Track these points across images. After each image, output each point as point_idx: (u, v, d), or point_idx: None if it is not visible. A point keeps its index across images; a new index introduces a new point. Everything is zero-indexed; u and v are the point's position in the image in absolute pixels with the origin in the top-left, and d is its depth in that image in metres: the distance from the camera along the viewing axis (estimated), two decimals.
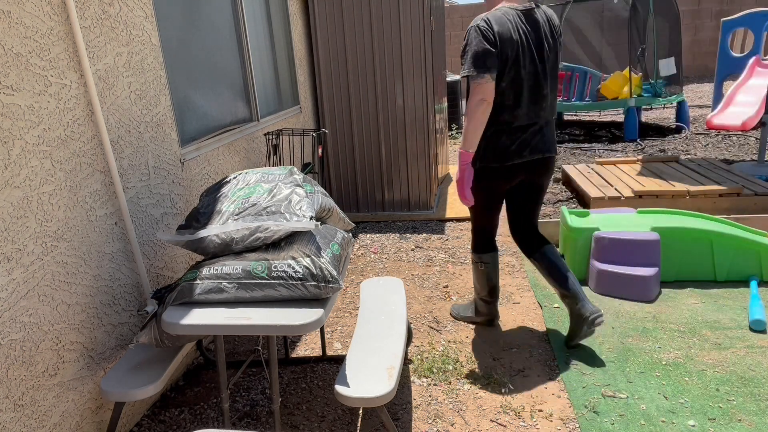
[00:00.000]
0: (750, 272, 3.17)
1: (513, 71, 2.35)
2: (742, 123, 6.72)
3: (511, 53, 2.32)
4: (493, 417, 2.23)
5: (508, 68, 2.34)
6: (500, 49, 2.30)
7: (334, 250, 2.03)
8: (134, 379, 2.00)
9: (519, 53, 2.34)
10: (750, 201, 3.98)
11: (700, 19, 11.23)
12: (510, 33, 2.32)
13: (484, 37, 2.29)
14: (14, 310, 1.71)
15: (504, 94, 2.37)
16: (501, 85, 2.36)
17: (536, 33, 2.38)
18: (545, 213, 4.55)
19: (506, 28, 2.31)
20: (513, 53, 2.32)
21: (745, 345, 2.56)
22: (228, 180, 2.28)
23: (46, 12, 1.87)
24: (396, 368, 1.97)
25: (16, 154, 1.73)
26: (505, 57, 2.32)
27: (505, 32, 2.31)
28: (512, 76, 2.35)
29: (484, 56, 2.28)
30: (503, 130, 2.43)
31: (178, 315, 1.84)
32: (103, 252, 2.13)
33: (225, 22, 3.24)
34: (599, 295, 3.15)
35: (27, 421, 1.77)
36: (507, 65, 2.33)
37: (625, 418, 2.14)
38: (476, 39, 2.30)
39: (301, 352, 2.82)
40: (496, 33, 2.30)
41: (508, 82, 2.36)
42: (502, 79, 2.35)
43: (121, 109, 2.25)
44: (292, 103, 4.35)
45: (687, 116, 7.55)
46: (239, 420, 2.32)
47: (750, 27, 7.61)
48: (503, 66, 2.33)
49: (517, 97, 2.38)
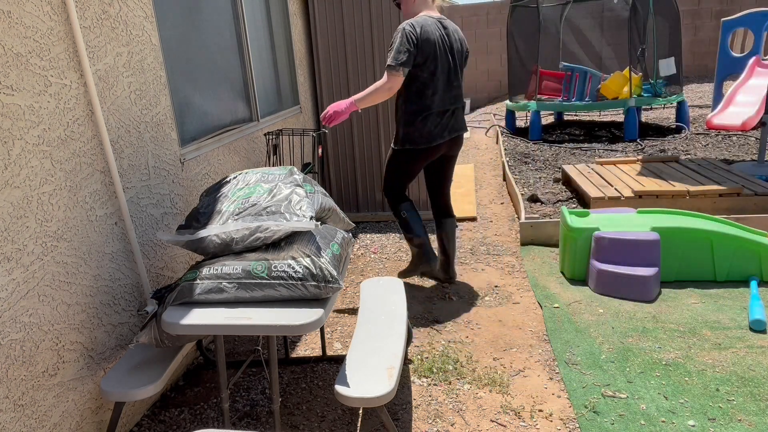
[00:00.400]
0: (750, 272, 3.17)
1: (432, 65, 2.93)
2: (742, 123, 6.72)
3: (431, 51, 2.91)
4: (493, 417, 2.23)
5: (429, 63, 2.92)
6: (422, 48, 2.89)
7: (334, 250, 2.03)
8: (134, 379, 2.00)
9: (437, 52, 2.94)
10: (750, 201, 3.98)
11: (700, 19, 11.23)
12: (430, 36, 2.91)
13: (407, 39, 2.86)
14: (14, 310, 1.71)
15: (425, 84, 2.95)
16: (423, 76, 2.94)
17: (449, 37, 3.01)
18: (545, 213, 4.55)
19: (428, 32, 2.90)
20: (432, 51, 2.92)
21: (745, 345, 2.56)
22: (228, 180, 2.28)
23: (46, 12, 1.87)
24: (396, 368, 1.97)
25: (16, 154, 1.73)
26: (426, 54, 2.90)
27: (427, 35, 2.90)
28: (432, 69, 2.94)
29: (404, 55, 2.87)
30: (427, 116, 3.00)
31: (178, 315, 1.84)
32: (103, 252, 2.13)
33: (225, 22, 3.24)
34: (599, 295, 3.15)
35: (27, 421, 1.77)
36: (428, 60, 2.92)
37: (625, 418, 2.14)
38: (401, 40, 2.87)
39: (301, 352, 2.83)
40: (419, 36, 2.88)
41: (428, 74, 2.94)
42: (423, 71, 2.93)
43: (121, 109, 2.25)
44: (292, 103, 4.35)
45: (687, 116, 7.55)
46: (239, 420, 2.32)
47: (750, 27, 7.61)
48: (424, 60, 2.91)
49: (436, 85, 2.98)
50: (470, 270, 3.67)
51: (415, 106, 2.99)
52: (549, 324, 2.87)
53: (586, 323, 2.85)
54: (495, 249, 4.00)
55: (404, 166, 3.17)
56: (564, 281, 3.37)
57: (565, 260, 3.41)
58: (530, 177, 5.78)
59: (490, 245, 4.08)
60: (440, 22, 3.00)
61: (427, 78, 2.94)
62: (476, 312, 3.10)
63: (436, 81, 2.96)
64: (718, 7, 11.17)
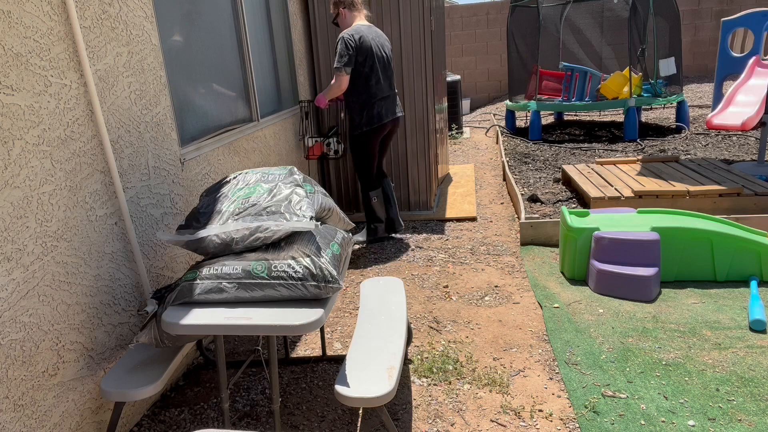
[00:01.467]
0: (750, 272, 3.17)
1: (371, 61, 3.74)
2: (742, 123, 6.71)
3: (368, 50, 3.71)
4: (493, 417, 2.23)
5: (368, 59, 3.72)
6: (360, 49, 3.68)
7: (334, 250, 2.03)
8: (134, 379, 2.00)
9: (373, 50, 3.74)
10: (750, 201, 3.98)
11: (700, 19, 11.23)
12: (365, 38, 3.70)
13: (347, 45, 3.65)
14: (14, 310, 1.71)
15: (369, 76, 3.76)
16: (365, 71, 3.74)
17: (379, 38, 3.84)
18: (545, 213, 4.55)
19: (363, 35, 3.69)
20: (369, 49, 3.72)
21: (745, 345, 2.56)
22: (228, 180, 2.28)
23: (46, 12, 1.87)
24: (396, 368, 1.97)
25: (16, 154, 1.73)
26: (365, 53, 3.70)
27: (363, 38, 3.69)
28: (371, 63, 3.74)
29: (345, 58, 3.66)
30: (375, 102, 3.81)
31: (178, 315, 1.84)
32: (103, 252, 2.13)
33: (225, 22, 3.24)
34: (599, 295, 3.15)
35: (27, 421, 1.77)
36: (367, 57, 3.71)
37: (625, 418, 2.14)
38: (341, 46, 3.66)
39: (301, 352, 2.83)
40: (357, 40, 3.66)
41: (369, 68, 3.74)
42: (365, 66, 3.72)
43: (121, 109, 2.25)
44: (292, 103, 4.35)
45: (687, 116, 7.55)
46: (239, 420, 2.32)
47: (750, 27, 7.61)
48: (364, 58, 3.71)
49: (377, 76, 3.79)
50: (470, 270, 3.67)
51: (365, 95, 3.78)
52: (549, 324, 2.87)
53: (586, 323, 2.85)
54: (495, 249, 4.00)
55: (366, 146, 3.91)
56: (564, 281, 3.37)
57: (565, 260, 3.41)
58: (530, 177, 5.78)
59: (490, 245, 4.08)
60: (370, 27, 3.80)
61: (369, 71, 3.74)
62: (476, 312, 3.10)
63: (376, 72, 3.77)
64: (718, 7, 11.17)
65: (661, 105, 8.00)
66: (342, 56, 3.64)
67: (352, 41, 3.63)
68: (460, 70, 12.23)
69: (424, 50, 4.45)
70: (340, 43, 3.65)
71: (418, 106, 4.59)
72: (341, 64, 3.65)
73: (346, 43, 3.63)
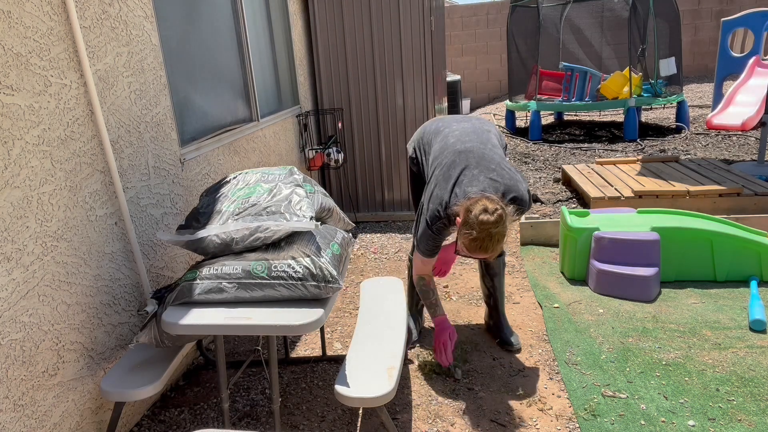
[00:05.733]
0: (750, 272, 3.17)
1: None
2: (742, 123, 6.72)
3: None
4: (493, 417, 2.23)
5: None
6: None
7: (334, 250, 2.03)
8: (134, 379, 1.99)
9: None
10: (750, 201, 3.98)
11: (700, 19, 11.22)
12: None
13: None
14: (14, 310, 1.71)
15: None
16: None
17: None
18: (545, 213, 4.55)
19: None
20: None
21: (745, 345, 2.56)
22: (228, 180, 2.28)
23: (46, 12, 1.87)
24: (396, 368, 1.97)
25: (16, 154, 1.73)
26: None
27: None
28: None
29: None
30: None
31: (178, 315, 1.84)
32: (103, 252, 2.13)
33: (225, 22, 3.24)
34: (599, 295, 3.15)
35: (27, 421, 1.77)
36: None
37: (625, 418, 2.14)
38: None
39: (301, 352, 2.82)
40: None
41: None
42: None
43: (121, 109, 2.25)
44: (292, 103, 4.35)
45: (687, 116, 7.55)
46: (239, 420, 2.32)
47: (750, 27, 7.61)
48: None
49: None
50: (470, 270, 3.66)
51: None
52: (549, 324, 2.87)
53: (586, 323, 2.85)
54: None
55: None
56: (564, 281, 3.37)
57: (565, 260, 3.41)
58: (530, 177, 5.77)
59: None
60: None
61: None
62: (476, 312, 3.10)
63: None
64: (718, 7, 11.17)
65: (661, 105, 8.00)
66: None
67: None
68: (460, 70, 12.23)
69: (424, 50, 4.45)
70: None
71: (418, 106, 4.59)
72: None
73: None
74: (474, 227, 2.02)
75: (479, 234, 2.01)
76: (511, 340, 2.70)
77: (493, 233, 2.01)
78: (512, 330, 2.80)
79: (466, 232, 2.05)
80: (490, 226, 1.99)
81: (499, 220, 2.01)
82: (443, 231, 2.29)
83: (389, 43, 4.47)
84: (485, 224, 2.00)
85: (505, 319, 2.79)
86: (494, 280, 2.73)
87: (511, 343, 2.69)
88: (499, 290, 2.76)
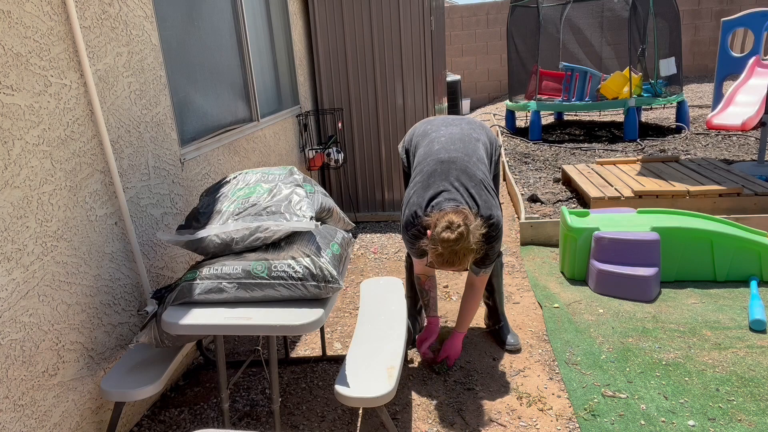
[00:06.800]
0: (750, 272, 3.17)
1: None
2: (742, 123, 6.72)
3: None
4: (493, 417, 2.23)
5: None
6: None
7: (334, 250, 2.03)
8: (134, 379, 1.99)
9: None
10: (750, 201, 3.98)
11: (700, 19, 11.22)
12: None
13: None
14: (14, 310, 1.71)
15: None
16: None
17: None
18: (545, 213, 4.55)
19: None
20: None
21: (745, 345, 2.56)
22: (228, 180, 2.28)
23: (46, 12, 1.87)
24: (396, 368, 1.97)
25: (16, 154, 1.73)
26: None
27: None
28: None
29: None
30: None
31: (178, 315, 1.84)
32: (103, 252, 2.13)
33: (225, 22, 3.24)
34: (599, 295, 3.15)
35: (27, 421, 1.77)
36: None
37: (625, 418, 2.14)
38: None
39: (301, 352, 2.82)
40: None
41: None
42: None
43: (121, 109, 2.25)
44: (292, 103, 4.35)
45: (687, 116, 7.55)
46: (239, 420, 2.32)
47: (750, 27, 7.61)
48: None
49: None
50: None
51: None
52: (549, 324, 2.87)
53: (586, 323, 2.85)
54: None
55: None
56: (564, 281, 3.37)
57: (565, 260, 3.41)
58: (530, 177, 5.77)
59: None
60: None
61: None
62: (476, 312, 3.10)
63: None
64: (718, 7, 11.16)
65: (661, 105, 8.00)
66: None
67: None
68: (460, 70, 12.23)
69: (424, 50, 4.45)
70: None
71: (418, 106, 4.59)
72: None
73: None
74: (438, 243, 2.05)
75: (443, 250, 2.04)
76: (511, 340, 2.70)
77: (456, 249, 2.03)
78: (512, 330, 2.80)
79: (432, 247, 2.09)
80: (452, 243, 2.02)
81: (460, 237, 2.02)
82: (418, 237, 2.29)
83: (389, 43, 4.47)
84: (447, 242, 2.03)
85: (505, 319, 2.79)
86: (493, 281, 2.72)
87: (511, 343, 2.69)
88: (498, 291, 2.75)
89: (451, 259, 2.05)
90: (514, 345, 2.68)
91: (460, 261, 2.06)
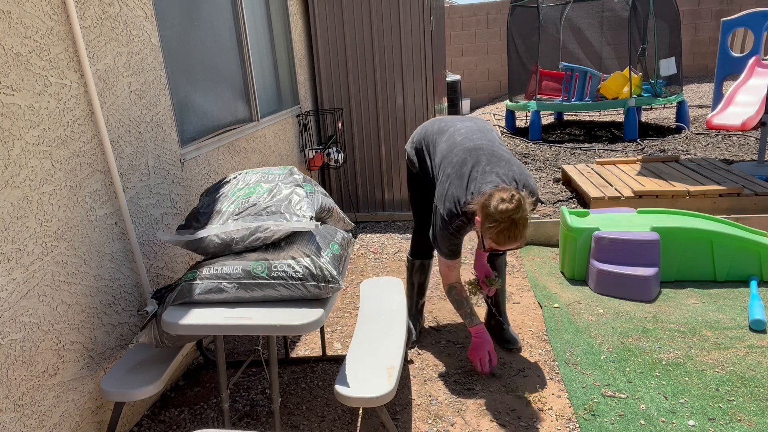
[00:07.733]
0: (750, 272, 3.17)
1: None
2: (742, 123, 6.72)
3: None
4: (493, 417, 2.23)
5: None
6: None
7: (334, 250, 2.03)
8: (134, 379, 1.99)
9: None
10: (750, 201, 3.98)
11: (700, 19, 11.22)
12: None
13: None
14: (14, 310, 1.71)
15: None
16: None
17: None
18: (545, 213, 4.55)
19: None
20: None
21: (745, 345, 2.56)
22: (228, 180, 2.28)
23: (46, 12, 1.87)
24: (396, 368, 1.97)
25: (16, 154, 1.73)
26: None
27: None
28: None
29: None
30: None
31: (178, 315, 1.84)
32: (103, 252, 2.13)
33: (225, 22, 3.24)
34: (599, 295, 3.15)
35: (27, 421, 1.77)
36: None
37: (625, 418, 2.14)
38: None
39: (301, 352, 2.82)
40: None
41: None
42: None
43: (121, 109, 2.25)
44: (292, 103, 4.35)
45: (687, 116, 7.55)
46: (239, 420, 2.32)
47: (750, 27, 7.61)
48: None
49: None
50: (470, 270, 3.66)
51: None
52: (549, 324, 2.87)
53: (586, 323, 2.85)
54: None
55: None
56: (564, 281, 3.37)
57: (565, 260, 3.41)
58: None
59: None
60: None
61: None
62: (477, 311, 3.10)
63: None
64: (718, 7, 11.17)
65: (661, 105, 8.00)
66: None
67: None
68: (460, 70, 12.23)
69: (424, 50, 4.45)
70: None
71: (418, 106, 4.59)
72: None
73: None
74: (497, 218, 2.02)
75: (504, 224, 2.01)
76: (512, 339, 2.70)
77: (517, 219, 2.01)
78: (512, 330, 2.80)
79: (490, 226, 2.04)
80: (512, 212, 2.00)
81: (519, 205, 2.01)
82: (462, 229, 2.27)
83: (389, 43, 4.47)
84: (506, 212, 2.00)
85: (505, 318, 2.79)
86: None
87: (511, 343, 2.69)
88: (500, 289, 2.75)
89: (513, 233, 2.02)
90: (514, 345, 2.68)
91: (521, 232, 2.04)
